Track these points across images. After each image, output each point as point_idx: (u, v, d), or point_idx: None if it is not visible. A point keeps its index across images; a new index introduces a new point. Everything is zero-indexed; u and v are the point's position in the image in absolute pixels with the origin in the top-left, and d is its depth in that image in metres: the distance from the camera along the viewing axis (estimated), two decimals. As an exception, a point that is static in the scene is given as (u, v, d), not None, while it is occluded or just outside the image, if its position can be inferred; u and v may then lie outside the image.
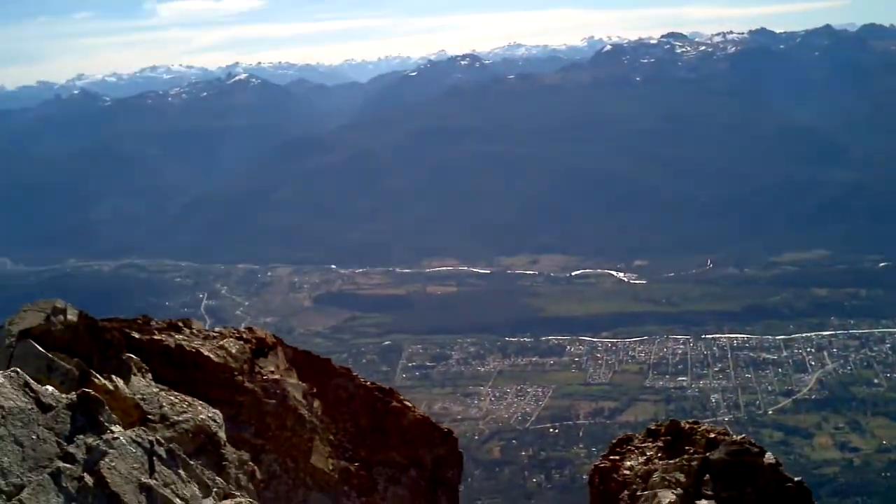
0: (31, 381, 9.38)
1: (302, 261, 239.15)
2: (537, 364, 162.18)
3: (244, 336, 17.44)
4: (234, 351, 16.47)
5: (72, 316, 13.07)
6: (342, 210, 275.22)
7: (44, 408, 9.17)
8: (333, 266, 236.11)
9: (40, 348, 11.49)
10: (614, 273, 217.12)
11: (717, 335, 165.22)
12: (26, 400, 9.06)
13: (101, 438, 9.13)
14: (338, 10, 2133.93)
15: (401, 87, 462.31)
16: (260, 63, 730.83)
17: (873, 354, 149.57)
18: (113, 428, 9.33)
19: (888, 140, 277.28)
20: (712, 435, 14.99)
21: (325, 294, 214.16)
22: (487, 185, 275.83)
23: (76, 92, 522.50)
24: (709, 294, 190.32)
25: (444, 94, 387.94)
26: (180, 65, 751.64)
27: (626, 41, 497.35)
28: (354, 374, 19.50)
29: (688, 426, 15.72)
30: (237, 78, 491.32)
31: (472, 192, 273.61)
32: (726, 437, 14.83)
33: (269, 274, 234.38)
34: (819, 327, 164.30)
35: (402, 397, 19.68)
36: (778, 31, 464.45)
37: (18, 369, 9.58)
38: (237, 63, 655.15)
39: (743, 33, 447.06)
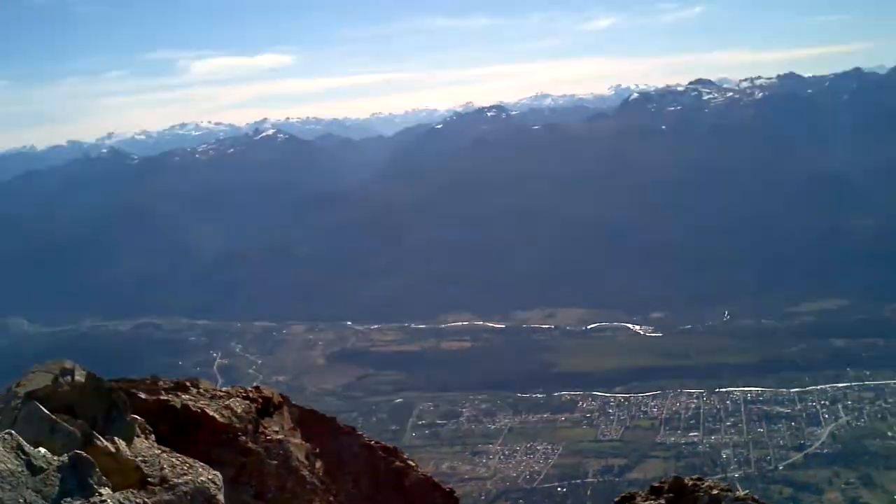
0: (24, 444, 9.63)
1: (318, 318, 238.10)
2: (548, 421, 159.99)
3: (251, 395, 17.65)
4: (239, 411, 16.62)
5: (80, 377, 13.35)
6: (361, 265, 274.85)
7: (34, 470, 9.45)
8: (349, 323, 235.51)
9: (45, 410, 11.43)
10: (631, 326, 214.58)
11: (732, 389, 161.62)
12: (17, 462, 9.32)
13: (88, 501, 9.32)
14: (366, 65, 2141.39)
15: (427, 140, 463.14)
16: (288, 118, 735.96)
17: (888, 406, 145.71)
18: (101, 491, 9.48)
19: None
20: (715, 491, 15.41)
21: (338, 351, 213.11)
22: (507, 239, 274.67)
23: (105, 151, 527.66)
24: (725, 347, 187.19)
25: (470, 145, 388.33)
26: (209, 122, 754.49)
27: (653, 89, 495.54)
28: (360, 432, 19.77)
29: (691, 482, 15.98)
30: (264, 134, 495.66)
31: (492, 246, 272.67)
32: (729, 493, 15.36)
33: (284, 332, 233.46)
34: (835, 379, 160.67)
35: (406, 456, 19.91)
36: (806, 75, 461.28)
37: (13, 431, 9.80)
38: (265, 119, 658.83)
39: (771, 78, 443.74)
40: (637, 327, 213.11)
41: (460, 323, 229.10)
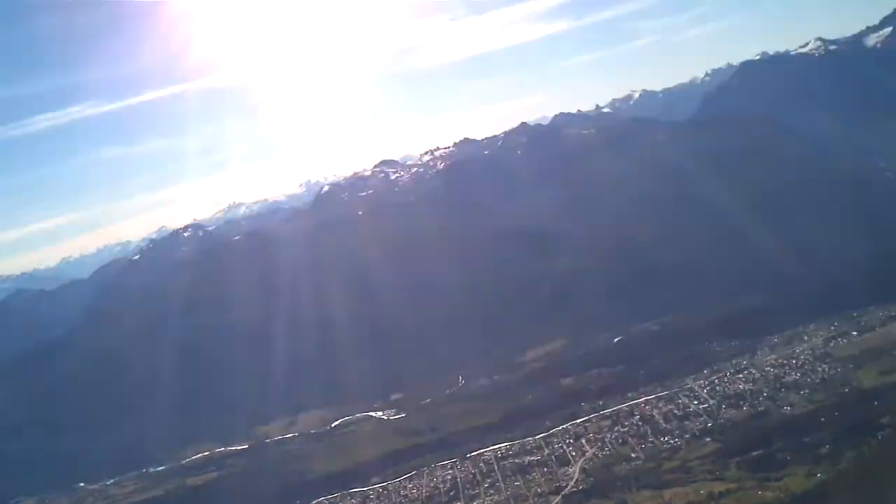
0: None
1: (46, 488, 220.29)
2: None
3: None
4: None
5: None
6: (83, 420, 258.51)
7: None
8: (82, 484, 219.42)
9: None
10: (373, 414, 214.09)
11: (482, 450, 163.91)
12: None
13: None
14: (44, 210, 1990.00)
15: (126, 274, 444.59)
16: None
17: (625, 430, 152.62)
18: None
19: (595, 224, 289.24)
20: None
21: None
22: (230, 357, 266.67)
23: None
24: (466, 411, 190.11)
25: (172, 270, 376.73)
26: None
27: (342, 178, 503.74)
28: None
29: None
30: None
31: (218, 368, 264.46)
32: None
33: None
34: (572, 416, 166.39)
35: None
36: (479, 137, 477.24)
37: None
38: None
39: (449, 147, 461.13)
40: (379, 413, 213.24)
41: (201, 454, 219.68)
